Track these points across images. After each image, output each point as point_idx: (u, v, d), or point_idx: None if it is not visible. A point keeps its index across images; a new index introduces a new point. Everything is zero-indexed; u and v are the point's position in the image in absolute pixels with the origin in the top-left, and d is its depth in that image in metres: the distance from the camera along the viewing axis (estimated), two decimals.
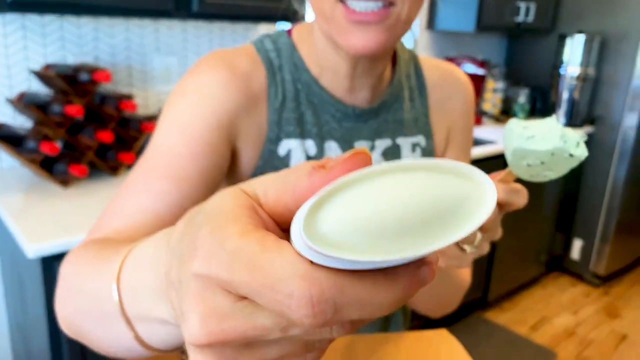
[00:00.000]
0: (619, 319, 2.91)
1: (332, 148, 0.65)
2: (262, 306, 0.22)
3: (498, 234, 0.52)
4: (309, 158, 0.64)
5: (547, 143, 0.42)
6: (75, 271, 0.45)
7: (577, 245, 3.30)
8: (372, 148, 0.67)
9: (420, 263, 0.23)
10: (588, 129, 3.09)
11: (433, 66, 0.76)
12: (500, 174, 0.48)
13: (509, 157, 0.45)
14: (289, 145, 0.63)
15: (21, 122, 1.71)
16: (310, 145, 0.64)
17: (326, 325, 0.21)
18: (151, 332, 0.35)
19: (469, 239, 0.50)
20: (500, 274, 2.86)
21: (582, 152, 0.42)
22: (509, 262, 2.90)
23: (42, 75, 1.66)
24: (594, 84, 3.04)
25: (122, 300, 0.36)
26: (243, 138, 0.61)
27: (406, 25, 0.57)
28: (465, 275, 0.76)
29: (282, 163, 0.63)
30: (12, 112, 1.70)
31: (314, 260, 0.21)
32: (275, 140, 0.63)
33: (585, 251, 3.27)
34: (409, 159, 0.40)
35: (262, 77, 0.62)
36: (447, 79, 0.76)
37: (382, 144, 0.68)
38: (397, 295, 0.22)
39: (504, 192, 0.47)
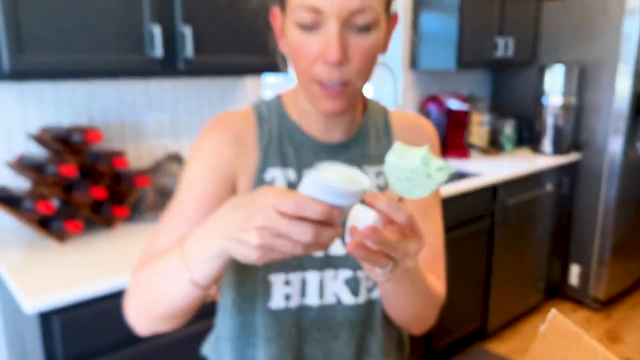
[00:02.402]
0: (622, 344, 2.91)
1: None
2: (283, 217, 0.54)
3: (401, 252, 0.60)
4: (289, 183, 0.82)
5: (410, 162, 0.55)
6: (142, 271, 0.73)
7: (574, 271, 3.32)
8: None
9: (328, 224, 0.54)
10: (575, 155, 3.16)
11: (400, 116, 0.92)
12: (386, 193, 0.59)
13: (385, 169, 0.57)
14: (273, 173, 0.82)
15: (19, 183, 1.79)
16: (291, 173, 0.82)
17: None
18: (201, 272, 0.63)
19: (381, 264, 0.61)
20: (499, 303, 2.88)
21: (440, 177, 0.54)
22: (506, 291, 2.92)
23: (38, 138, 1.75)
24: (576, 111, 3.12)
25: (185, 255, 0.64)
26: (240, 174, 0.82)
27: (359, 92, 0.78)
28: (438, 287, 0.83)
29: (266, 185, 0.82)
30: (11, 174, 1.79)
31: (302, 190, 0.53)
32: (262, 169, 0.82)
33: (584, 276, 3.29)
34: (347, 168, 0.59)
35: (252, 127, 0.83)
36: (411, 126, 0.91)
37: None
38: (312, 229, 0.53)
39: (385, 204, 0.56)
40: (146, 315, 0.73)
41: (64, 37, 1.51)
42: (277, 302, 0.81)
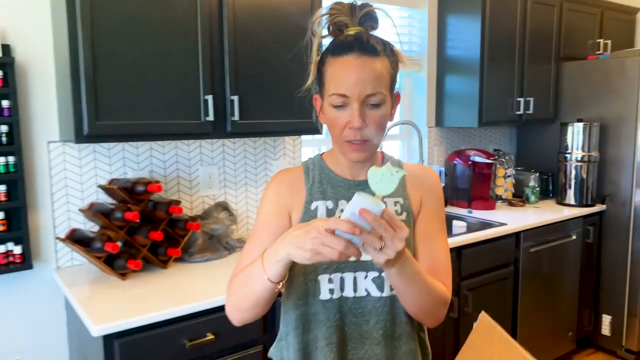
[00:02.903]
0: None
1: (343, 204, 1.13)
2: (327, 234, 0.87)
3: (388, 234, 0.88)
4: (327, 209, 1.12)
5: (381, 170, 0.88)
6: (236, 278, 1.07)
7: (606, 321, 3.36)
8: None
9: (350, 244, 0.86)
10: (600, 207, 3.27)
11: (411, 165, 1.23)
12: (378, 196, 0.89)
13: (368, 178, 0.89)
14: (317, 204, 1.13)
15: (90, 226, 2.10)
16: (329, 204, 1.13)
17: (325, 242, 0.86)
18: (273, 271, 0.95)
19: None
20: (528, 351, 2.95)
21: (399, 175, 0.86)
22: (535, 340, 3.00)
23: (107, 189, 2.06)
24: (599, 165, 3.26)
25: (264, 261, 0.97)
26: (294, 208, 1.14)
27: (376, 147, 1.09)
28: (443, 289, 1.10)
29: (312, 212, 1.12)
30: (83, 219, 2.10)
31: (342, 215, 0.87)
32: (309, 202, 1.13)
33: (615, 326, 3.32)
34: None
35: (301, 176, 1.17)
36: (419, 171, 1.22)
37: None
38: (343, 242, 0.85)
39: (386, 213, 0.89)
40: (238, 307, 1.07)
41: (133, 106, 1.84)
42: (324, 294, 1.10)
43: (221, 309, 1.73)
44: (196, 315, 1.71)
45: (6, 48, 1.89)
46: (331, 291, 1.10)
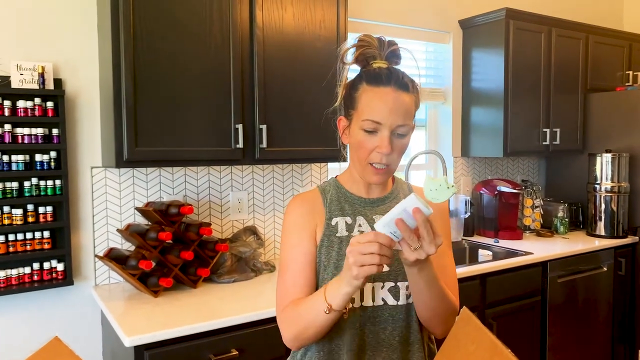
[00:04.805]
0: None
1: (361, 220, 1.23)
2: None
3: (427, 235, 0.96)
4: (346, 224, 1.21)
5: (438, 180, 0.96)
6: (292, 309, 1.13)
7: None
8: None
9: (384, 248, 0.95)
10: (633, 238, 3.22)
11: (419, 188, 1.32)
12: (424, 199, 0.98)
13: (424, 183, 0.98)
14: (336, 220, 1.22)
15: (127, 246, 2.24)
16: (348, 219, 1.22)
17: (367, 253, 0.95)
18: (335, 300, 1.02)
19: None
20: None
21: (453, 190, 0.96)
22: None
23: (143, 211, 2.21)
24: (629, 195, 3.23)
25: (326, 295, 1.04)
26: (318, 227, 1.22)
27: (394, 171, 1.19)
28: (452, 298, 1.16)
29: (333, 227, 1.21)
30: (120, 239, 2.25)
31: (377, 229, 0.96)
32: (329, 218, 1.22)
33: None
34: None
35: (319, 197, 1.26)
36: None
37: None
38: (377, 246, 0.94)
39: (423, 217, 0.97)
40: (298, 338, 1.13)
41: (169, 134, 1.99)
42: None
43: (245, 326, 1.83)
44: (222, 331, 1.80)
45: (58, 82, 2.09)
46: (352, 301, 1.16)
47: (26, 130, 2.00)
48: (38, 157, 2.03)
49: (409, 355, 1.19)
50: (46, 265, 2.07)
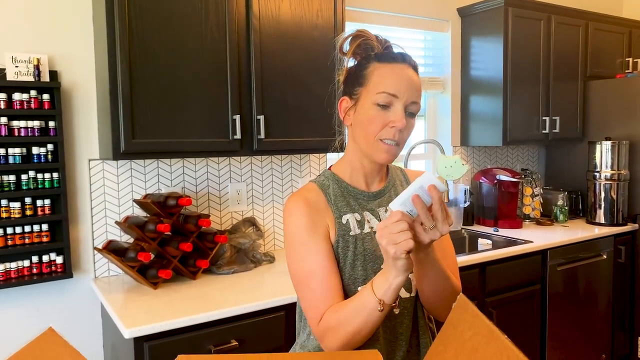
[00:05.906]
0: None
1: (368, 215, 1.20)
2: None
3: (441, 215, 0.96)
4: (357, 220, 1.17)
5: (452, 158, 0.95)
6: (334, 317, 1.05)
7: None
8: (386, 210, 1.22)
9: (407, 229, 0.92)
10: (632, 226, 3.22)
11: (412, 171, 1.35)
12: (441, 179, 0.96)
13: (437, 161, 0.96)
14: (347, 217, 1.17)
15: (126, 238, 2.24)
16: (357, 215, 1.18)
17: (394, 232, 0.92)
18: (387, 295, 0.96)
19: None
20: None
21: (467, 167, 0.94)
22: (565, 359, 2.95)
23: (141, 203, 2.20)
24: (629, 183, 3.22)
25: (375, 293, 0.97)
26: (330, 227, 1.16)
27: (400, 151, 1.15)
28: (456, 280, 1.17)
29: (345, 226, 1.16)
30: (119, 231, 2.24)
31: (397, 208, 0.94)
32: (339, 217, 1.17)
33: None
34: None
35: (320, 195, 1.19)
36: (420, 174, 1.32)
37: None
38: (404, 224, 0.92)
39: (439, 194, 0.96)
40: (350, 343, 1.05)
41: (166, 125, 1.98)
42: None
43: (245, 316, 1.84)
44: (221, 322, 1.80)
45: (53, 74, 2.08)
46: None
47: (22, 123, 1.99)
48: (35, 150, 2.02)
49: (418, 340, 1.20)
50: (45, 258, 2.07)
